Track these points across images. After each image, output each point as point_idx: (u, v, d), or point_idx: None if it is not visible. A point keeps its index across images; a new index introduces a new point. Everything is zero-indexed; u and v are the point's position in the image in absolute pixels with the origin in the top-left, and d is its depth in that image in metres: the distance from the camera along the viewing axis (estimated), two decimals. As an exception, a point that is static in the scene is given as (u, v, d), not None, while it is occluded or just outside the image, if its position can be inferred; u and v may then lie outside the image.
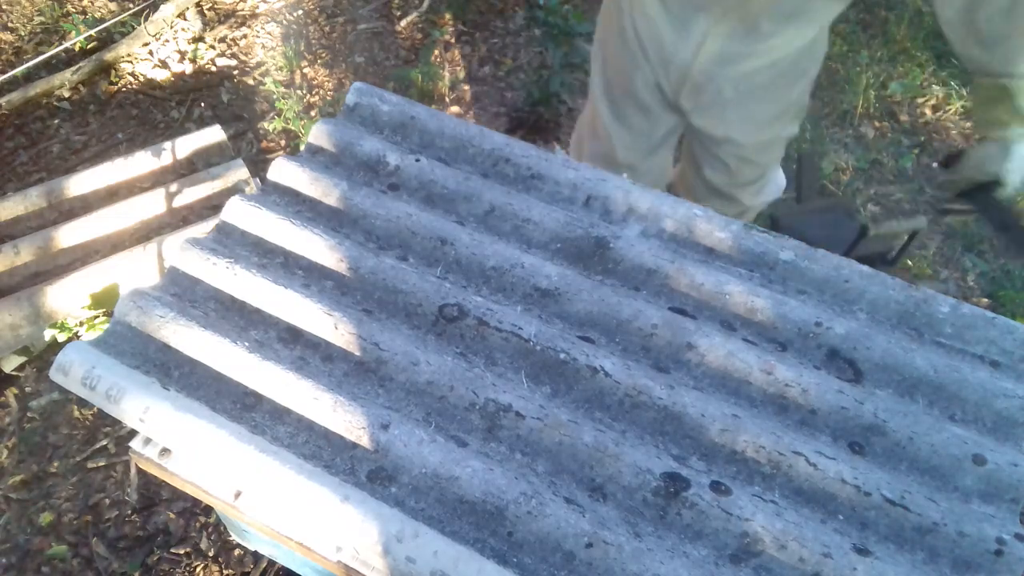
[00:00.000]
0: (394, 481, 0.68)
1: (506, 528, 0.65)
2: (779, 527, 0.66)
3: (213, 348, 0.76)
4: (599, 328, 0.80)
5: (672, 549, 0.65)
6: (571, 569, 0.63)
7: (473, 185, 0.91)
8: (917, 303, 0.84)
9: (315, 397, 0.72)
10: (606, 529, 0.65)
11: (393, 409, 0.73)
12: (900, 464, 0.72)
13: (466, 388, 0.74)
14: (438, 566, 0.62)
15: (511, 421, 0.72)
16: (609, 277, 0.85)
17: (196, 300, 0.82)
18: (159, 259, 2.03)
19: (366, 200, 0.89)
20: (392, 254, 0.85)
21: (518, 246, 0.87)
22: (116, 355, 0.77)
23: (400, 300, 0.81)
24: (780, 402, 0.76)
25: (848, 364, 0.79)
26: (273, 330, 0.80)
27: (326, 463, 0.69)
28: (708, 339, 0.78)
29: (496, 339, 0.78)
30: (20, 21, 2.90)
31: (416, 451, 0.69)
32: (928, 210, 2.49)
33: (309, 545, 0.88)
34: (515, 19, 2.99)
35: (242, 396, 0.75)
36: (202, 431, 0.70)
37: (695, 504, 0.67)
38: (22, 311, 1.96)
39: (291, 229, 0.85)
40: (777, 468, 0.70)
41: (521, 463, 0.70)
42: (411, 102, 1.00)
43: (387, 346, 0.76)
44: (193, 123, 2.68)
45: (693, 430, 0.72)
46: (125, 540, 1.86)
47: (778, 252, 0.87)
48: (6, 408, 2.03)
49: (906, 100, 2.75)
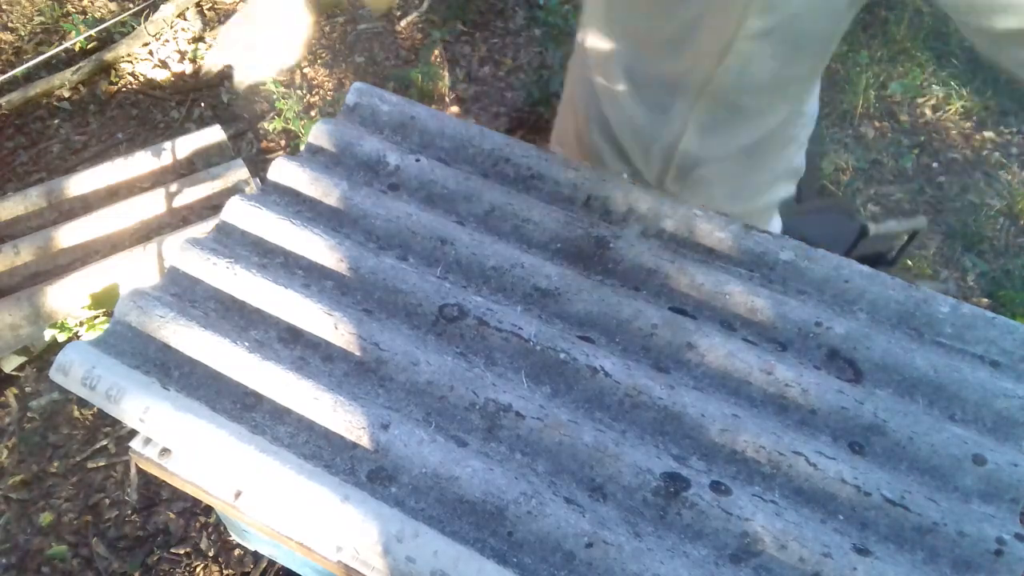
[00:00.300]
0: (394, 481, 0.68)
1: (506, 528, 0.65)
2: (779, 527, 0.66)
3: (213, 348, 0.76)
4: (599, 328, 0.80)
5: (672, 549, 0.65)
6: (571, 569, 0.63)
7: (473, 185, 0.91)
8: (917, 303, 0.84)
9: (315, 397, 0.72)
10: (606, 529, 0.65)
11: (393, 409, 0.73)
12: (900, 464, 0.72)
13: (466, 388, 0.74)
14: (438, 566, 0.62)
15: (511, 421, 0.72)
16: (609, 277, 0.85)
17: (196, 300, 0.82)
18: (159, 259, 2.03)
19: (366, 200, 0.89)
20: (392, 254, 0.85)
21: (518, 246, 0.87)
22: (116, 355, 0.77)
23: (400, 300, 0.81)
24: (780, 402, 0.76)
25: (848, 364, 0.79)
26: (273, 330, 0.80)
27: (326, 463, 0.69)
28: (708, 339, 0.78)
29: (496, 339, 0.78)
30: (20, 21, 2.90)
31: (416, 451, 0.69)
32: (928, 210, 2.49)
33: (309, 545, 0.88)
34: (515, 19, 2.99)
35: (242, 396, 0.75)
36: (202, 431, 0.70)
37: (695, 504, 0.67)
38: (22, 311, 1.96)
39: (291, 229, 0.85)
40: (777, 468, 0.70)
41: (521, 463, 0.70)
42: (411, 102, 1.00)
43: (387, 346, 0.76)
44: (193, 123, 2.69)
45: (693, 430, 0.72)
46: (125, 540, 1.86)
47: (778, 252, 0.87)
48: (6, 408, 2.03)
49: (906, 100, 2.75)
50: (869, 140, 2.66)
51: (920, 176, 2.59)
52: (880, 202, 2.53)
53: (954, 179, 2.57)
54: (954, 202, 2.51)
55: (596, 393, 0.75)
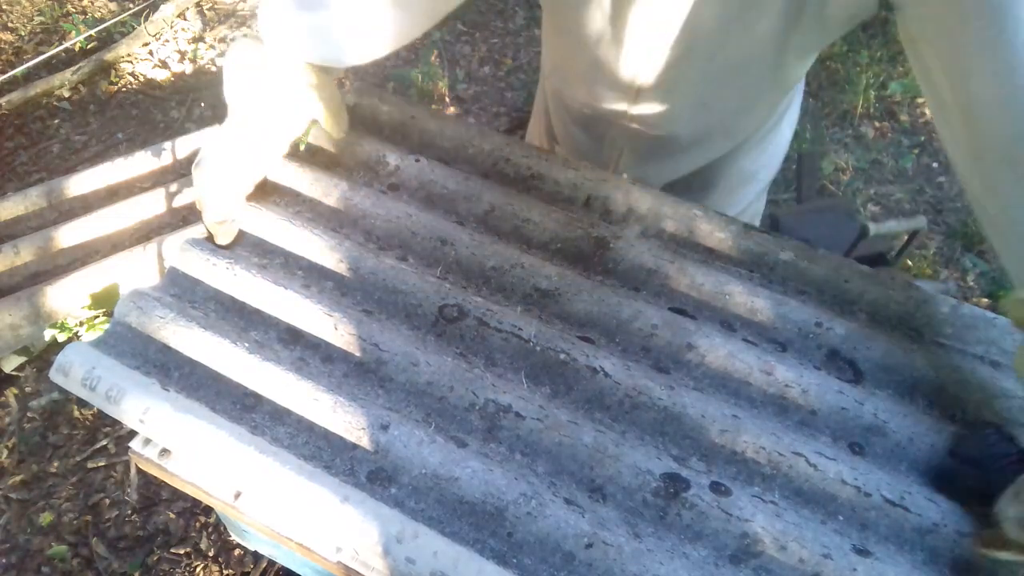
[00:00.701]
0: (394, 482, 0.68)
1: (506, 529, 0.65)
2: (779, 528, 0.66)
3: (213, 349, 0.76)
4: (599, 328, 0.80)
5: (672, 550, 0.65)
6: (571, 570, 0.63)
7: (473, 185, 0.91)
8: (917, 303, 0.84)
9: (315, 398, 0.72)
10: (606, 530, 0.65)
11: (393, 410, 0.73)
12: (900, 464, 0.72)
13: (466, 389, 0.74)
14: (438, 567, 0.62)
15: (511, 422, 0.72)
16: (609, 277, 0.85)
17: (196, 301, 0.82)
18: (159, 259, 2.02)
19: (366, 200, 0.89)
20: (392, 254, 0.85)
21: (518, 246, 0.87)
22: (116, 356, 0.77)
23: (400, 300, 0.81)
24: (780, 403, 0.76)
25: (848, 364, 0.79)
26: (273, 331, 0.79)
27: (326, 464, 0.69)
28: (708, 339, 0.78)
29: (496, 339, 0.78)
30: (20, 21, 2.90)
31: (416, 452, 0.69)
32: (928, 210, 2.49)
33: (309, 546, 0.88)
34: (515, 19, 2.98)
35: (242, 397, 0.75)
36: (202, 432, 0.70)
37: (695, 505, 0.67)
38: (22, 311, 1.96)
39: (291, 229, 0.85)
40: (777, 469, 0.70)
41: (521, 464, 0.70)
42: (411, 102, 1.00)
43: (387, 347, 0.76)
44: (193, 123, 2.69)
45: (693, 431, 0.72)
46: (125, 540, 1.86)
47: (778, 252, 0.87)
48: (6, 408, 2.03)
49: (906, 100, 2.75)
50: (869, 140, 2.66)
51: (920, 176, 2.59)
52: (880, 202, 2.53)
53: (954, 179, 2.57)
54: (954, 202, 2.51)
55: (596, 394, 0.75)
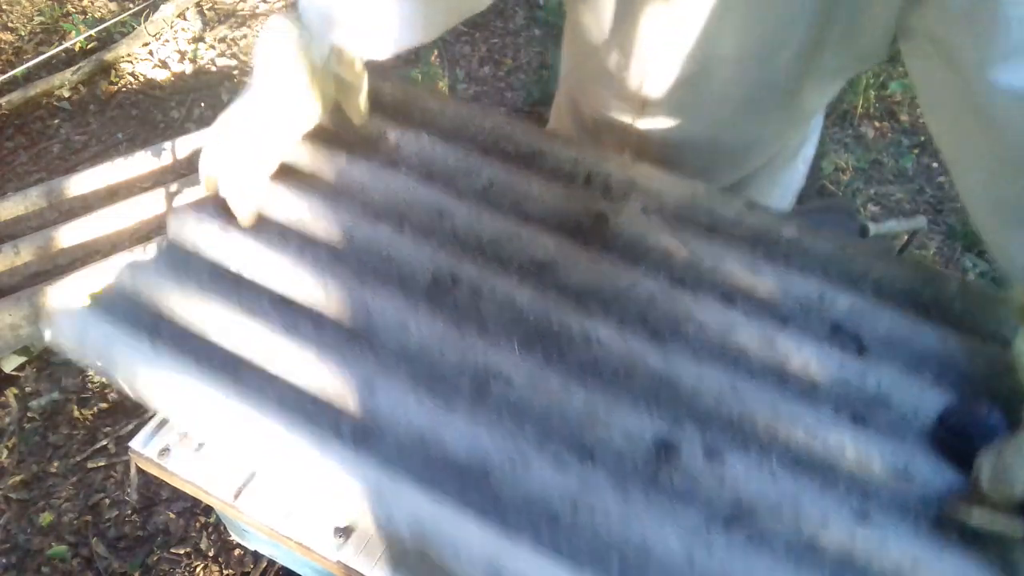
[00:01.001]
0: (380, 440, 0.67)
1: (492, 490, 0.64)
2: (774, 495, 0.64)
3: (204, 312, 0.76)
4: (595, 299, 0.79)
5: (662, 514, 0.62)
6: (556, 530, 0.61)
7: (473, 161, 0.91)
8: (924, 281, 0.82)
9: (304, 359, 0.71)
10: (594, 492, 0.63)
11: (381, 373, 0.71)
12: (905, 436, 0.70)
13: (456, 354, 0.72)
14: (419, 524, 0.61)
15: (501, 387, 0.70)
16: (608, 251, 0.84)
17: (190, 267, 0.82)
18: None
19: (365, 174, 0.88)
20: (388, 225, 0.84)
21: (516, 220, 0.86)
22: (108, 319, 0.77)
23: (394, 269, 0.80)
24: (780, 373, 0.74)
25: (852, 338, 0.77)
26: (265, 296, 0.79)
27: (311, 419, 0.68)
28: (707, 311, 0.77)
29: (489, 308, 0.77)
30: (20, 21, 2.94)
31: (403, 413, 0.68)
32: (928, 210, 2.46)
33: (308, 544, 0.87)
34: (515, 19, 3.00)
35: (232, 358, 0.74)
36: (191, 393, 0.70)
37: (687, 470, 0.65)
38: (22, 311, 1.96)
39: (288, 199, 0.85)
40: (775, 437, 0.68)
41: (509, 427, 0.68)
42: (412, 85, 1.00)
43: (379, 313, 0.75)
44: (193, 123, 2.69)
45: (688, 397, 0.70)
46: (125, 540, 1.84)
47: (781, 229, 0.85)
48: (6, 408, 2.03)
49: (906, 100, 2.73)
50: (869, 140, 2.64)
51: (920, 176, 2.56)
52: (880, 202, 2.50)
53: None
54: (954, 202, 2.48)
55: (589, 361, 0.73)
